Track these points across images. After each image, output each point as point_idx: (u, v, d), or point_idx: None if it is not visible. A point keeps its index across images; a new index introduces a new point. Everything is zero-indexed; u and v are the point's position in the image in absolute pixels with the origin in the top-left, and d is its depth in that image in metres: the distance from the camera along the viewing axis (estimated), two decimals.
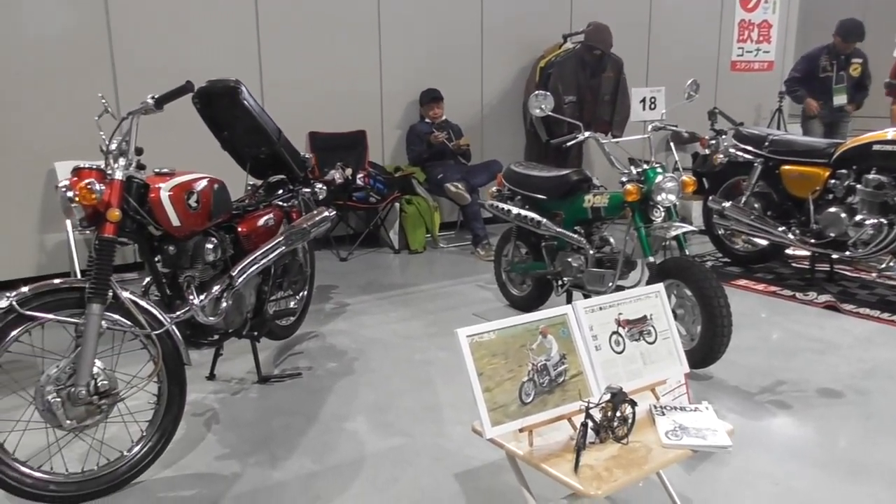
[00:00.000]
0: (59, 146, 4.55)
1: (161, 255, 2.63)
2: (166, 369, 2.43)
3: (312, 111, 5.54)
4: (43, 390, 2.20)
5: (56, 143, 4.55)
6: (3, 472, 2.19)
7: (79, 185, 2.25)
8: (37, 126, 4.51)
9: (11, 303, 2.15)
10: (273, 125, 3.22)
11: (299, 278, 3.56)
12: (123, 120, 2.38)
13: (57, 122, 4.55)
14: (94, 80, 4.63)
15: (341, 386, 3.17)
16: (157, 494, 2.34)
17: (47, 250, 4.71)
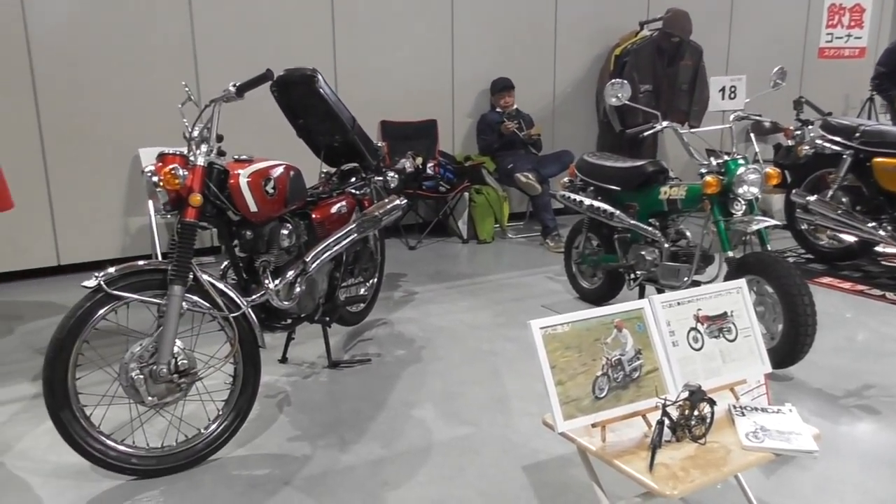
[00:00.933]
0: (143, 133, 4.73)
1: (238, 239, 2.69)
2: (242, 351, 2.49)
3: (384, 100, 5.58)
4: (127, 367, 2.30)
5: (140, 131, 4.73)
6: (89, 444, 2.30)
7: (163, 171, 2.32)
8: (122, 114, 4.70)
9: (100, 282, 2.24)
10: (348, 114, 3.25)
11: (370, 265, 3.60)
12: (206, 107, 2.44)
13: (141, 110, 4.73)
14: (177, 70, 4.78)
15: (409, 373, 3.19)
16: (232, 472, 2.41)
17: (131, 233, 4.91)
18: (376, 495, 2.26)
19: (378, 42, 5.50)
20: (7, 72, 4.33)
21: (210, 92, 2.60)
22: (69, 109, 4.55)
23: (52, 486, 2.34)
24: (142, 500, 2.25)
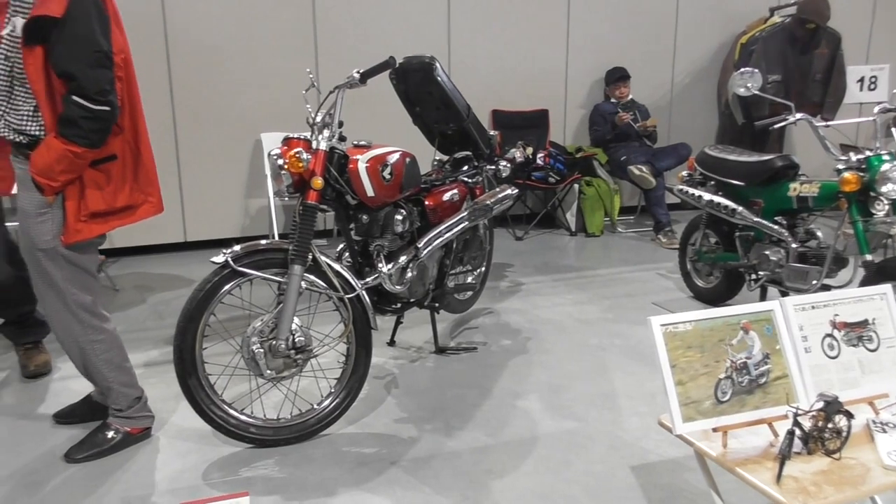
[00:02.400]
0: (265, 118, 4.93)
1: (355, 223, 2.76)
2: (355, 332, 2.55)
3: (496, 89, 5.56)
4: (248, 341, 2.40)
5: (262, 116, 4.93)
6: (212, 411, 2.43)
7: (288, 154, 2.40)
8: (246, 100, 4.91)
9: (227, 259, 2.36)
10: (463, 102, 3.25)
11: (479, 254, 3.60)
12: (330, 94, 2.50)
13: (263, 96, 4.93)
14: (298, 58, 4.95)
15: (515, 364, 3.17)
16: (342, 448, 2.48)
17: (250, 214, 5.14)
18: (481, 482, 2.27)
19: (493, 30, 5.47)
20: (147, 65, 4.62)
21: (329, 79, 2.67)
22: (199, 97, 4.81)
23: (176, 447, 2.49)
24: (258, 468, 2.36)
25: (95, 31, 2.07)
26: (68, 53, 2.04)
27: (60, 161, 2.08)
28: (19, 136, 2.17)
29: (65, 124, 2.07)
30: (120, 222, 2.30)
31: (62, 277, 2.24)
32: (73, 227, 2.18)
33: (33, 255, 2.22)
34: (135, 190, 2.31)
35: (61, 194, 2.17)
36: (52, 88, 2.08)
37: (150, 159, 2.38)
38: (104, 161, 2.20)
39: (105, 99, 2.09)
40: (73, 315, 2.30)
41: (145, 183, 2.36)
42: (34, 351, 3.09)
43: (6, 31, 2.10)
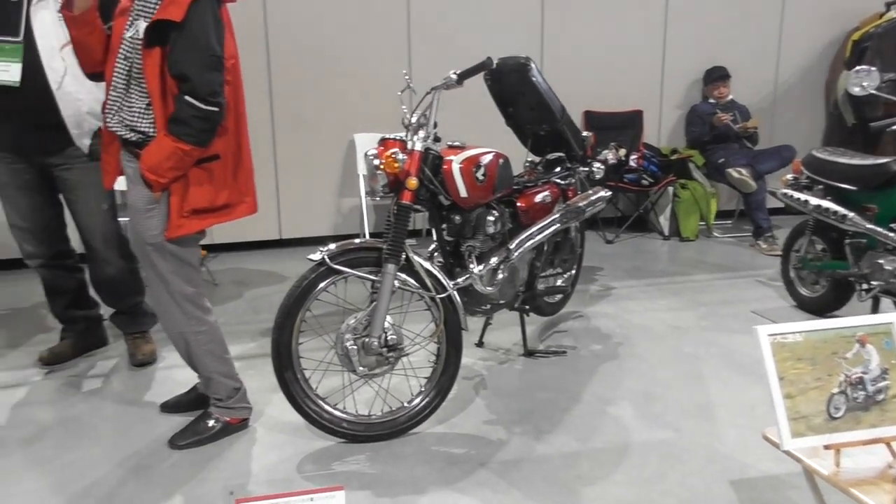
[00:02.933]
0: (358, 120, 5.03)
1: (447, 223, 2.77)
2: (446, 331, 2.57)
3: (590, 89, 5.47)
4: (342, 337, 2.46)
5: (356, 117, 5.03)
6: (306, 405, 2.50)
7: (384, 154, 2.44)
8: (341, 102, 5.03)
9: (324, 257, 2.42)
10: (558, 103, 3.22)
11: (570, 257, 3.55)
12: (426, 95, 2.53)
13: (358, 98, 5.03)
14: (392, 60, 5.02)
15: (606, 369, 3.11)
16: (431, 447, 2.50)
17: (343, 213, 5.26)
18: (571, 489, 2.23)
19: (587, 30, 5.39)
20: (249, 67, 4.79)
21: (422, 81, 2.70)
22: (297, 99, 4.96)
23: (272, 438, 2.57)
24: (349, 463, 2.40)
25: (211, 37, 2.17)
26: (185, 56, 2.15)
27: (170, 158, 2.19)
28: (131, 132, 2.29)
29: (176, 123, 2.18)
30: (217, 220, 2.40)
31: (168, 270, 2.36)
32: (176, 223, 2.29)
33: (142, 249, 2.35)
34: (234, 190, 2.40)
35: (167, 191, 2.28)
36: (166, 89, 2.20)
37: (249, 162, 2.47)
38: (208, 160, 2.30)
39: (215, 100, 2.19)
40: (178, 306, 2.41)
41: (243, 184, 2.44)
42: (141, 340, 3.27)
43: (129, 34, 2.24)
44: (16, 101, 2.75)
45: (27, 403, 2.84)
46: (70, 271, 3.18)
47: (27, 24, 2.71)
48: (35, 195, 2.97)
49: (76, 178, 2.94)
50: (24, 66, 2.72)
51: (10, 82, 2.72)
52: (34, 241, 3.04)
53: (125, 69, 2.28)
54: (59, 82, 2.75)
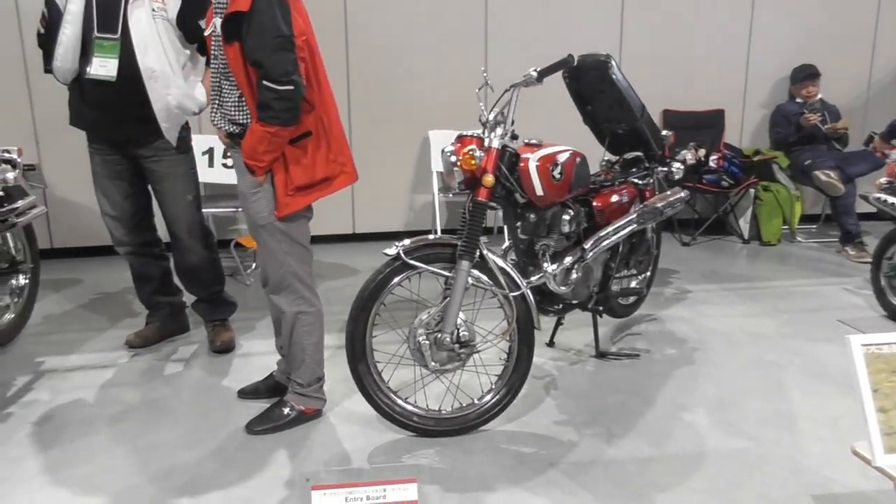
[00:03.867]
0: (433, 116, 5.05)
1: (522, 221, 2.75)
2: (518, 330, 2.56)
3: (669, 87, 5.34)
4: (415, 332, 2.48)
5: (431, 114, 5.06)
6: (378, 397, 2.53)
7: (462, 151, 2.45)
8: (416, 98, 5.07)
9: (399, 252, 2.44)
10: (638, 101, 3.15)
11: (645, 259, 3.47)
12: (505, 92, 2.52)
13: (433, 94, 5.06)
14: (467, 56, 5.02)
15: (681, 374, 3.03)
16: (500, 445, 2.49)
17: (415, 209, 5.31)
18: (643, 494, 2.19)
19: (668, 27, 5.26)
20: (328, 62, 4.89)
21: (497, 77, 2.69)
22: (374, 96, 5.02)
23: (344, 429, 2.61)
24: (419, 456, 2.42)
25: (277, 18, 2.24)
26: (256, 42, 2.23)
27: (261, 142, 2.28)
28: (233, 125, 2.41)
29: (261, 108, 2.27)
30: (321, 193, 2.49)
31: (280, 251, 2.47)
32: (283, 201, 2.39)
33: (257, 232, 2.47)
34: (330, 161, 2.49)
35: (270, 173, 2.38)
36: (251, 79, 2.30)
37: (339, 131, 2.54)
38: (301, 138, 2.39)
39: (288, 79, 2.25)
40: (290, 286, 2.51)
41: (338, 154, 2.52)
42: (221, 328, 3.38)
43: (209, 31, 2.36)
44: (111, 94, 2.88)
45: (114, 384, 2.98)
46: (156, 259, 3.32)
47: (124, 22, 2.83)
48: (126, 186, 3.11)
49: (164, 169, 3.07)
50: (120, 62, 2.85)
51: (107, 77, 2.86)
52: (124, 229, 3.18)
53: (216, 66, 2.39)
54: (150, 78, 2.86)
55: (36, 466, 2.37)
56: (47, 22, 2.92)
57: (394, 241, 2.48)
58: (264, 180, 2.39)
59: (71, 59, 2.86)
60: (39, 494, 2.22)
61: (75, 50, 2.85)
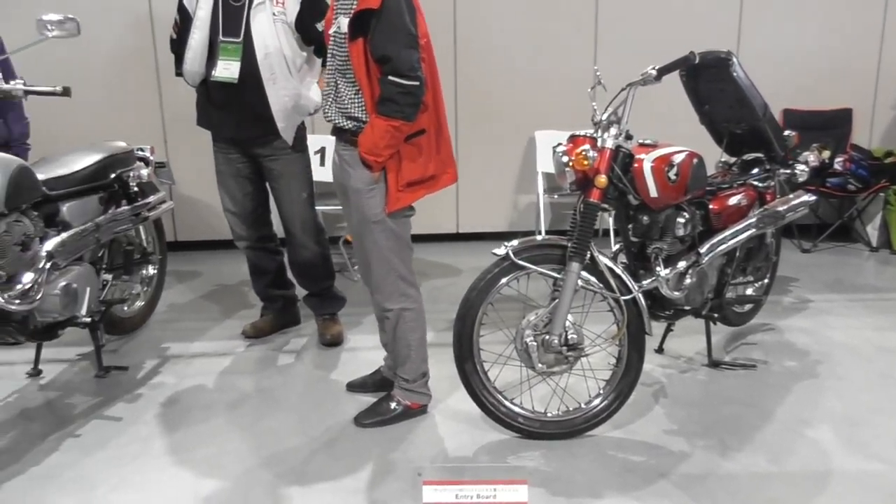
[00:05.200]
0: (539, 117, 5.00)
1: (634, 224, 2.68)
2: (629, 335, 2.50)
3: (790, 85, 5.05)
4: (522, 333, 2.47)
5: (537, 114, 5.01)
6: (484, 397, 2.54)
7: (574, 151, 2.41)
8: (523, 98, 5.03)
9: (508, 252, 2.44)
10: (760, 100, 3.01)
11: (763, 265, 3.31)
12: (622, 91, 2.46)
13: (540, 94, 5.01)
14: (576, 56, 4.95)
15: (802, 388, 2.87)
16: (608, 451, 2.44)
17: (519, 209, 5.28)
18: None
19: (790, 20, 4.98)
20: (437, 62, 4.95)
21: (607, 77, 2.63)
22: (481, 95, 5.03)
23: (448, 426, 2.63)
24: (524, 458, 2.41)
25: (405, 18, 2.32)
26: (386, 38, 2.30)
27: (383, 136, 2.34)
28: (347, 121, 2.48)
29: (384, 103, 2.33)
30: (427, 190, 2.55)
31: (387, 247, 2.52)
32: (395, 197, 2.45)
33: (366, 228, 2.51)
34: (438, 161, 2.54)
35: (384, 169, 2.44)
36: (371, 75, 2.37)
37: (448, 134, 2.59)
38: (416, 135, 2.44)
39: (415, 75, 2.32)
40: (393, 283, 2.56)
41: (445, 155, 2.57)
42: (331, 322, 3.48)
43: (332, 30, 2.44)
44: (233, 96, 3.03)
45: (232, 371, 3.14)
46: (272, 254, 3.46)
47: (247, 26, 2.97)
48: (246, 183, 3.26)
49: (281, 168, 3.19)
50: (242, 65, 2.99)
51: (229, 79, 3.01)
52: (243, 224, 3.33)
53: (332, 65, 2.48)
54: (270, 79, 2.99)
55: (163, 446, 2.52)
56: (179, 28, 3.10)
57: (497, 241, 2.48)
58: (380, 177, 2.45)
59: (199, 62, 3.02)
60: (166, 473, 2.37)
61: (202, 53, 3.00)
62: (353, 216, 2.57)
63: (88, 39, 2.73)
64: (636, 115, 2.50)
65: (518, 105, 5.04)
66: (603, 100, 2.52)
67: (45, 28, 2.48)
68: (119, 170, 3.13)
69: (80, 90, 2.58)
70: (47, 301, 2.59)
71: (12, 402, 2.85)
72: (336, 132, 2.56)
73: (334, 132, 2.58)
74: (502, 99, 5.04)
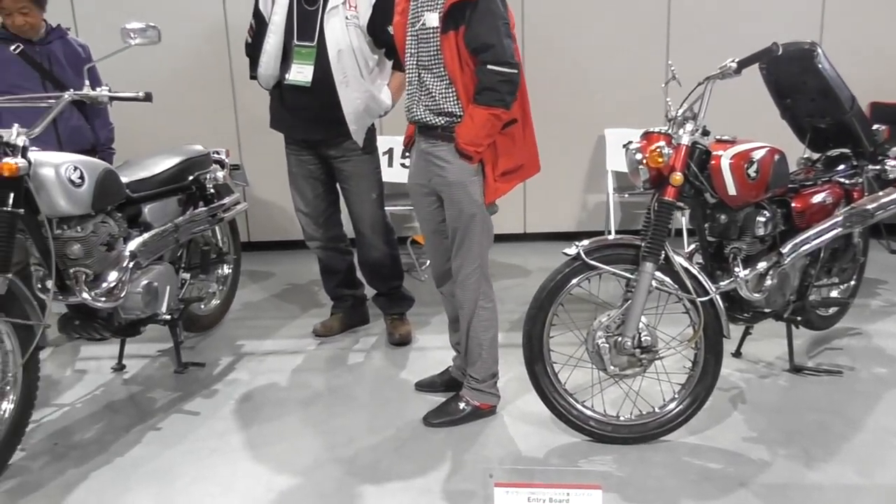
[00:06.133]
0: (609, 114, 4.91)
1: (711, 223, 2.59)
2: (705, 338, 2.42)
3: (878, 77, 4.78)
4: (594, 334, 2.42)
5: (606, 112, 4.92)
6: (555, 399, 2.50)
7: (649, 149, 2.35)
8: (591, 96, 4.95)
9: (579, 251, 2.39)
10: (847, 92, 2.87)
11: (850, 266, 3.15)
12: (699, 85, 2.39)
13: (609, 91, 4.91)
14: (646, 52, 4.83)
15: (893, 396, 2.72)
16: (683, 458, 2.37)
17: (588, 209, 5.19)
18: None
19: (877, 11, 4.74)
20: None
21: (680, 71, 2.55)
22: (550, 93, 4.94)
23: (517, 428, 2.61)
24: (596, 462, 2.36)
25: (500, 5, 2.35)
26: (486, 28, 2.31)
27: (484, 126, 2.36)
28: (439, 117, 2.48)
29: (483, 92, 2.34)
30: (518, 180, 2.58)
31: (478, 242, 2.53)
32: (493, 187, 2.48)
33: (464, 221, 2.50)
34: (525, 151, 2.56)
35: (480, 161, 2.45)
36: (464, 68, 2.38)
37: (532, 123, 2.59)
38: (508, 125, 2.45)
39: (514, 62, 2.34)
40: (476, 279, 2.57)
41: (532, 144, 2.59)
42: (399, 322, 3.50)
43: (416, 28, 2.46)
44: (306, 99, 3.08)
45: (303, 369, 3.19)
46: (342, 254, 3.50)
47: (320, 29, 3.01)
48: (317, 184, 3.32)
49: (351, 169, 3.23)
50: (315, 68, 3.04)
51: (303, 82, 3.06)
52: (314, 224, 3.39)
53: (414, 63, 2.47)
54: (342, 82, 3.02)
55: (238, 441, 2.59)
56: (254, 32, 3.18)
57: (564, 241, 2.44)
58: (478, 168, 2.45)
59: (273, 65, 3.08)
60: (241, 467, 2.42)
61: (277, 57, 3.07)
62: (448, 211, 2.55)
63: (166, 47, 2.82)
64: (713, 111, 2.41)
65: (587, 103, 4.96)
66: (677, 95, 2.44)
67: (129, 36, 2.58)
68: (197, 172, 3.23)
69: (158, 96, 2.67)
70: (130, 299, 2.69)
71: (99, 396, 2.98)
72: (422, 129, 2.55)
73: (419, 130, 2.57)
74: (571, 96, 4.96)
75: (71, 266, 2.56)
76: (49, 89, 3.08)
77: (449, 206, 2.53)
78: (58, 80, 3.14)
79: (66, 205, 2.43)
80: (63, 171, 2.41)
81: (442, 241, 2.65)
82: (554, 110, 4.98)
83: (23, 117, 2.60)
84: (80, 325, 2.70)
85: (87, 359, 3.34)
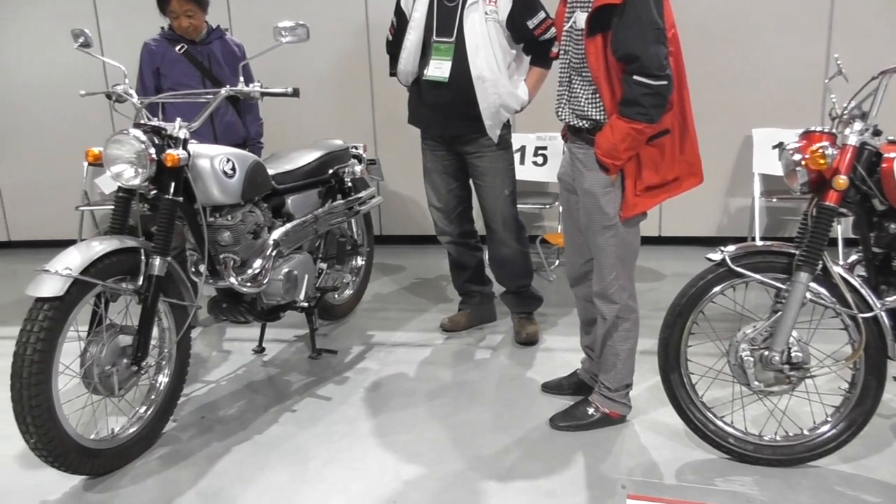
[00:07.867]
0: (756, 114, 4.62)
1: (878, 232, 2.35)
2: (866, 357, 2.20)
3: None
4: (737, 346, 2.27)
5: (754, 112, 4.63)
6: (691, 411, 2.37)
7: (809, 149, 2.17)
8: (738, 95, 4.66)
9: (725, 257, 2.25)
10: None
11: None
12: (872, 80, 2.18)
13: (757, 90, 4.61)
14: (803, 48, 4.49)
15: None
16: (835, 486, 2.18)
17: (730, 213, 4.91)
18: None
19: None
20: None
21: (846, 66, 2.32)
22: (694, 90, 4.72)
23: (648, 438, 2.50)
24: (734, 482, 2.22)
25: (651, 10, 2.16)
26: (632, 35, 2.16)
27: (624, 139, 2.23)
28: (582, 121, 2.39)
29: (627, 104, 2.21)
30: (668, 194, 2.41)
31: (615, 255, 2.42)
32: (631, 202, 2.34)
33: (597, 232, 2.41)
34: (682, 162, 2.40)
35: (621, 172, 2.33)
36: (610, 73, 2.25)
37: (694, 132, 2.42)
38: (659, 136, 2.31)
39: (663, 73, 2.17)
40: (615, 291, 2.45)
41: (691, 154, 2.42)
42: (527, 321, 3.46)
43: (567, 26, 2.37)
44: (444, 94, 3.10)
45: (431, 362, 3.23)
46: (472, 250, 3.51)
47: (460, 25, 3.02)
48: (451, 180, 3.34)
49: (486, 164, 3.22)
50: (453, 64, 3.05)
51: (441, 78, 3.08)
52: (446, 220, 3.41)
53: (566, 62, 2.42)
54: (479, 78, 3.02)
55: (368, 428, 2.65)
56: (395, 29, 3.24)
57: (702, 246, 2.29)
58: (616, 179, 2.34)
59: (412, 62, 3.13)
60: (370, 453, 2.48)
61: (416, 54, 3.11)
62: (581, 217, 2.47)
63: (310, 45, 2.93)
64: (886, 109, 2.19)
65: (734, 101, 4.68)
66: (842, 91, 2.24)
67: (280, 34, 2.69)
68: (336, 166, 3.35)
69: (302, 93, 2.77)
70: (272, 285, 2.83)
71: (241, 375, 3.16)
72: (570, 130, 2.48)
73: (568, 131, 2.51)
74: (716, 95, 4.70)
75: (221, 252, 2.73)
76: (208, 86, 3.29)
77: (581, 213, 2.45)
78: (216, 77, 3.36)
79: (220, 194, 2.58)
80: (217, 162, 2.56)
81: (580, 240, 2.57)
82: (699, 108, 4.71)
83: (184, 112, 2.79)
84: (226, 308, 2.87)
85: (231, 340, 3.55)
